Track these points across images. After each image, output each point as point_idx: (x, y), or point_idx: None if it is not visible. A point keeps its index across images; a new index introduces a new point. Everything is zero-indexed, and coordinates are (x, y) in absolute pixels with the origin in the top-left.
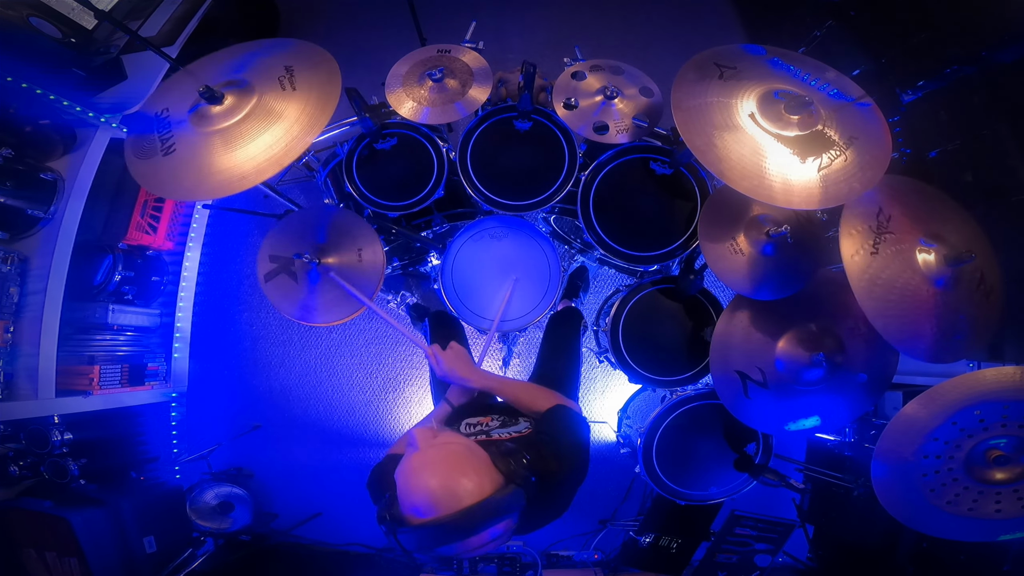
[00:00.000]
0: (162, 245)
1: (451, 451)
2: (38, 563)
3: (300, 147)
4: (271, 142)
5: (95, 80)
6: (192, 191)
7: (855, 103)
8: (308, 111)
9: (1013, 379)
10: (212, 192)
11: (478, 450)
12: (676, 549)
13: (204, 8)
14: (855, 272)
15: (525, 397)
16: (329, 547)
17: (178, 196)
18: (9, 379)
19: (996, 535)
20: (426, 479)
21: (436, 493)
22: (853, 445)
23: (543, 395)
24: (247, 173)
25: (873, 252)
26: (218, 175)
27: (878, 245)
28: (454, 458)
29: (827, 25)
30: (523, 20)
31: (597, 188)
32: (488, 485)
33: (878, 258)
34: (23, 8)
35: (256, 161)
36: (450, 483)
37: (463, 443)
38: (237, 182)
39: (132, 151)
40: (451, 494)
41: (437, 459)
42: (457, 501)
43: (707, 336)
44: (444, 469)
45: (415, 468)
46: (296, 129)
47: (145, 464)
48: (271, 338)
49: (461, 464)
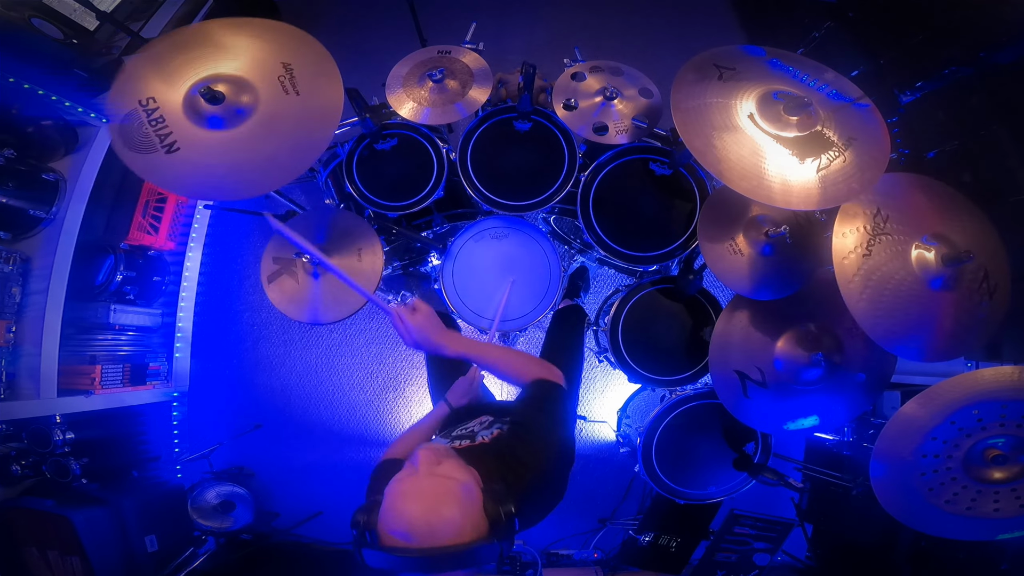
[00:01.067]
0: (164, 245)
1: (446, 487)
2: (40, 562)
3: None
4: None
5: (97, 81)
6: (195, 190)
7: (854, 104)
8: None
9: (1011, 379)
10: (217, 193)
11: (473, 492)
12: (675, 548)
13: (205, 9)
14: (845, 274)
15: (510, 364)
16: (330, 546)
17: (184, 193)
18: (11, 379)
19: (994, 534)
20: (411, 506)
21: (415, 523)
22: (852, 444)
23: (531, 363)
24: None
25: (866, 255)
26: (220, 177)
27: (871, 247)
28: (445, 494)
29: (826, 26)
30: (523, 21)
31: (597, 188)
32: (469, 530)
33: (870, 260)
34: (25, 9)
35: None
36: (431, 518)
37: (461, 480)
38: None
39: (120, 140)
40: (429, 529)
41: (429, 489)
42: (432, 537)
43: (706, 336)
44: (431, 502)
45: (405, 491)
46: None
47: (147, 463)
48: (272, 338)
49: (450, 501)
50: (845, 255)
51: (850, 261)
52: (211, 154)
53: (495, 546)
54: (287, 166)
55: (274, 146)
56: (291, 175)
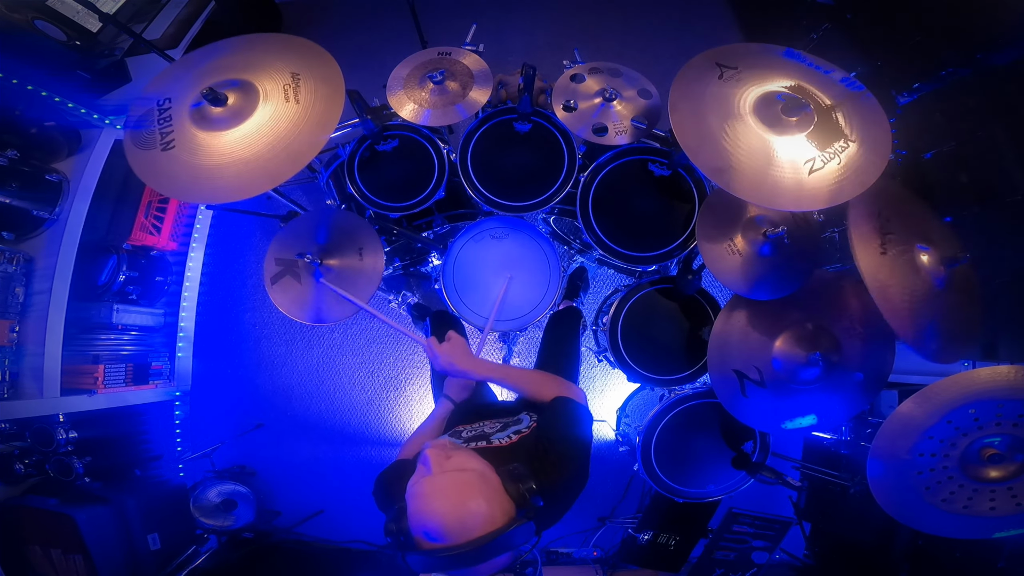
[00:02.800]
0: (166, 246)
1: (463, 479)
2: (43, 560)
3: (307, 157)
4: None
5: (100, 82)
6: (190, 192)
7: (863, 95)
8: (309, 123)
9: (1007, 378)
10: (216, 196)
11: (490, 476)
12: (674, 546)
13: (207, 11)
14: (869, 271)
15: (530, 385)
16: (331, 544)
17: (182, 197)
18: (15, 378)
19: (991, 532)
20: (437, 506)
21: (447, 521)
22: (849, 443)
23: (549, 382)
24: (252, 179)
25: (882, 252)
26: (222, 178)
27: (885, 246)
28: (465, 486)
29: (823, 28)
30: (523, 23)
31: (596, 189)
32: (499, 515)
33: (887, 258)
34: (28, 11)
35: (259, 166)
36: (461, 513)
37: (475, 469)
38: (245, 188)
39: (132, 140)
40: (461, 524)
41: (448, 486)
42: (467, 531)
43: (705, 335)
44: (455, 498)
45: (427, 493)
46: (302, 136)
47: (149, 462)
48: (273, 337)
49: (472, 492)
50: (867, 251)
51: (872, 257)
52: (200, 154)
53: (528, 525)
54: (269, 175)
55: (257, 154)
56: (267, 185)
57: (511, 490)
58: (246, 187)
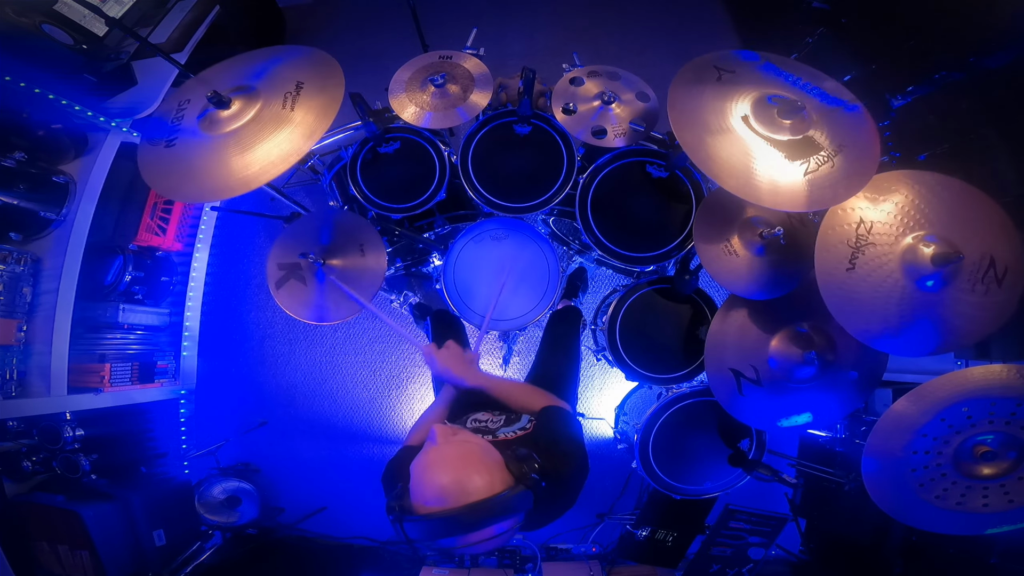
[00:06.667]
0: (171, 246)
1: (467, 449)
2: (51, 556)
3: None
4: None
5: (106, 85)
6: (196, 193)
7: (845, 107)
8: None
9: (1000, 377)
10: (217, 193)
11: (493, 451)
12: (672, 542)
13: (212, 16)
14: (829, 285)
15: (519, 397)
16: (334, 540)
17: (187, 198)
18: (22, 377)
19: (983, 528)
20: (440, 473)
21: (447, 486)
22: (844, 441)
23: (536, 395)
24: (250, 176)
25: (849, 268)
26: (221, 177)
27: (855, 259)
28: (469, 456)
29: (819, 32)
30: (523, 27)
31: (595, 191)
32: (498, 484)
33: (854, 273)
34: (36, 15)
35: (258, 165)
36: (461, 478)
37: (480, 443)
38: (241, 184)
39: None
40: (461, 488)
41: (453, 455)
42: (466, 495)
43: (702, 335)
44: (458, 465)
45: (431, 462)
46: (296, 137)
47: (155, 459)
48: (277, 336)
49: (475, 462)
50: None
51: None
52: (194, 153)
53: (527, 494)
54: (246, 178)
55: (238, 156)
56: (245, 188)
57: (513, 468)
58: (214, 189)
